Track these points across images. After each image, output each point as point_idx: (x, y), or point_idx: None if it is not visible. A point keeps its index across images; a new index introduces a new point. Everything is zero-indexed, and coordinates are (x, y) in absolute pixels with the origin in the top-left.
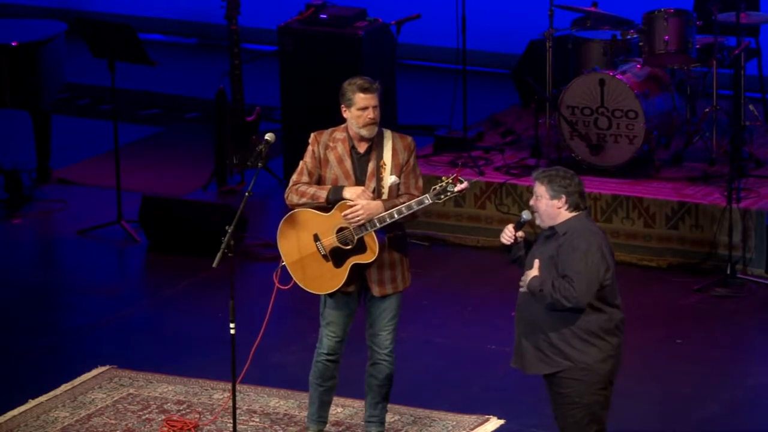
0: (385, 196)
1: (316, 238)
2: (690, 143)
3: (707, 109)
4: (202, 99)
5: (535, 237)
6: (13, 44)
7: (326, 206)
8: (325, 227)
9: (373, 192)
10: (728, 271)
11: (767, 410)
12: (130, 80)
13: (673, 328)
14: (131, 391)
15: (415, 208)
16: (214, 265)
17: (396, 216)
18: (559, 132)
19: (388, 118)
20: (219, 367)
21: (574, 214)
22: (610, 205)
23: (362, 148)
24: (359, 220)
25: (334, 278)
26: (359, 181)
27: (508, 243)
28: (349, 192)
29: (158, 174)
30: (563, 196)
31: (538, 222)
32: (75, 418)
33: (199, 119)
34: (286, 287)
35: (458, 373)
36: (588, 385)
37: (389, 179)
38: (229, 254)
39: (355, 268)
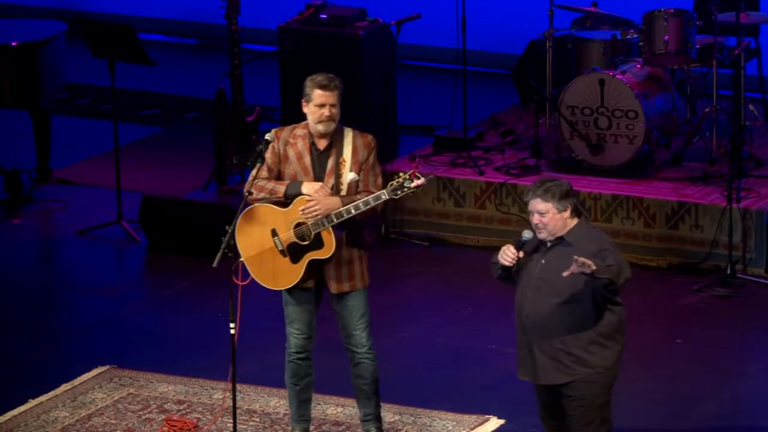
0: (343, 193)
1: (274, 233)
2: (690, 143)
3: (707, 109)
4: (202, 99)
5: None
6: (13, 44)
7: (284, 201)
8: (283, 222)
9: (332, 189)
10: (728, 271)
11: (767, 410)
12: (130, 80)
13: (673, 328)
14: (131, 391)
15: (373, 203)
16: (214, 265)
17: (353, 211)
18: (559, 132)
19: (388, 118)
20: (219, 367)
21: (575, 220)
22: (610, 205)
23: (322, 144)
24: (316, 215)
25: (291, 273)
26: (318, 178)
27: (510, 264)
28: (307, 187)
29: (158, 174)
30: (569, 205)
31: (542, 236)
32: (75, 418)
33: (199, 119)
34: (245, 283)
35: (458, 373)
36: (603, 386)
37: (348, 176)
38: (229, 254)
39: (312, 263)
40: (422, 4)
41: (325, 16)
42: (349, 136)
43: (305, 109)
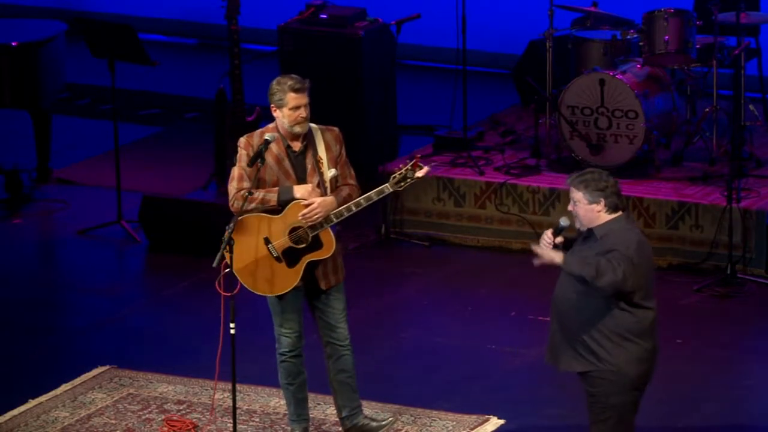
0: (328, 191)
1: (267, 241)
2: (690, 143)
3: (707, 109)
4: (202, 99)
5: (575, 236)
6: (13, 44)
7: (277, 208)
8: (277, 229)
9: (318, 187)
10: (728, 271)
11: (767, 410)
12: (130, 80)
13: (673, 328)
14: (131, 391)
15: (375, 198)
16: (214, 265)
17: (354, 209)
18: (559, 132)
19: (388, 118)
20: (220, 367)
21: (613, 215)
22: None
23: (297, 146)
24: (318, 218)
25: (288, 278)
26: (300, 179)
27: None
28: (300, 191)
29: (158, 174)
30: (602, 199)
31: (577, 225)
32: (75, 418)
33: (199, 119)
34: (231, 294)
35: (458, 373)
36: (616, 386)
37: (329, 173)
38: (229, 254)
39: (309, 265)
40: (422, 4)
41: (325, 16)
42: (318, 133)
43: (276, 114)
